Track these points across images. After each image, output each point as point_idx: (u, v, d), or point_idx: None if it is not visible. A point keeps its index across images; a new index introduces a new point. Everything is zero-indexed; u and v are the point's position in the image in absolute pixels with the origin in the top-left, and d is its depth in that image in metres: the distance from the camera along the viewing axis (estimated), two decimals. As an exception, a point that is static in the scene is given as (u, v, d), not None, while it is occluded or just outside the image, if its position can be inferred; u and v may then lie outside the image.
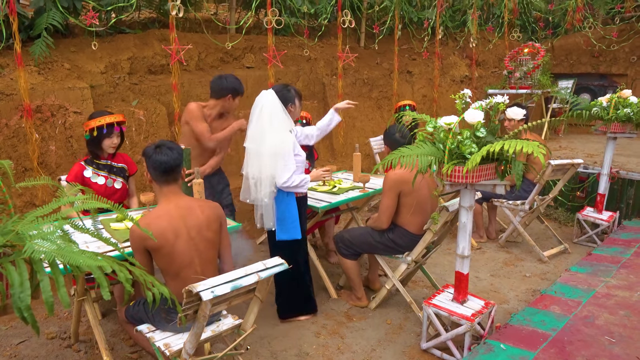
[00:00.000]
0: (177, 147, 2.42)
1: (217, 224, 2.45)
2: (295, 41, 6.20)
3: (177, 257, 2.32)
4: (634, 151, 6.45)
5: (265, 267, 2.22)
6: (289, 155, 3.02)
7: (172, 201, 2.37)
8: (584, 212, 4.96)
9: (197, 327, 2.11)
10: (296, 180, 3.04)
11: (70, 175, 3.17)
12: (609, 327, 2.99)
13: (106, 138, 3.17)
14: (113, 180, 3.30)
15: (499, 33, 8.40)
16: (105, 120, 3.14)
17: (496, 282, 4.00)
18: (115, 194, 3.31)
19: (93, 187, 3.16)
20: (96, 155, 3.22)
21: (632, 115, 4.36)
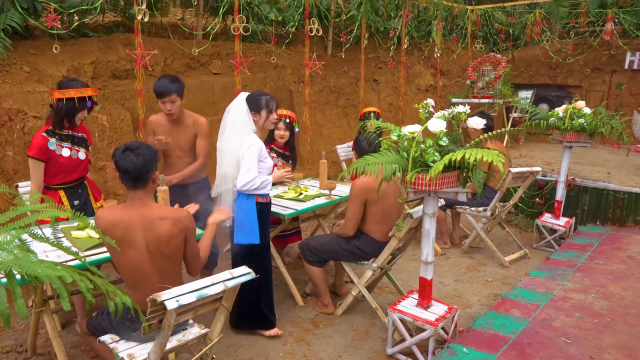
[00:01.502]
0: (146, 152, 2.28)
1: (179, 239, 2.33)
2: (263, 48, 6.21)
3: (132, 268, 2.26)
4: (589, 160, 6.73)
5: (232, 276, 2.21)
6: (250, 160, 2.98)
7: (136, 208, 2.28)
8: (542, 218, 5.14)
9: (162, 336, 2.08)
10: (256, 182, 3.01)
11: (33, 149, 2.93)
12: (565, 329, 3.11)
13: (81, 110, 3.03)
14: (77, 151, 3.12)
15: (463, 44, 8.63)
16: (87, 93, 3.01)
17: (460, 287, 4.09)
18: (79, 166, 3.15)
19: (59, 159, 3.00)
20: (61, 126, 3.02)
21: (585, 125, 4.56)
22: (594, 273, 4.03)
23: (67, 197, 3.09)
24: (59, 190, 3.07)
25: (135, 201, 2.30)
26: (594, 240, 4.85)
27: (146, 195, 2.33)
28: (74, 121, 3.05)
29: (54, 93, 2.97)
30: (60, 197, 3.06)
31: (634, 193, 5.20)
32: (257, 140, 3.06)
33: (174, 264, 2.38)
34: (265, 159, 3.09)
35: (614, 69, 8.48)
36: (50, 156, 2.97)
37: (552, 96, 8.86)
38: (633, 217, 5.25)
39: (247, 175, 2.97)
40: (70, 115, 3.01)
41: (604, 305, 3.44)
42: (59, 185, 3.07)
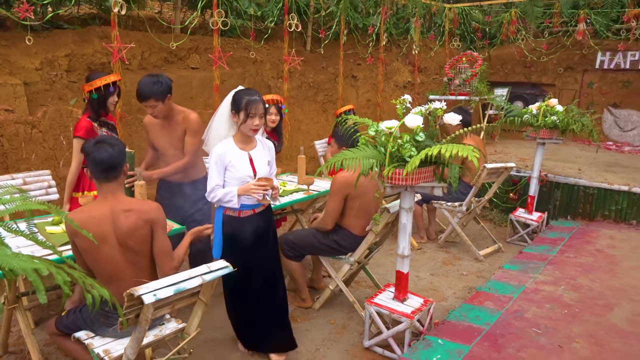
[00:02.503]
0: (118, 144, 2.30)
1: (144, 231, 2.30)
2: (242, 43, 6.18)
3: (106, 263, 2.24)
4: (561, 156, 6.90)
5: (210, 269, 2.22)
6: (211, 168, 2.71)
7: (108, 202, 2.27)
8: (516, 213, 5.26)
9: (139, 331, 2.07)
10: (218, 194, 2.71)
11: (80, 130, 3.25)
12: (536, 320, 3.20)
13: (111, 96, 3.35)
14: (112, 135, 3.35)
15: (440, 41, 8.74)
16: (110, 79, 3.32)
17: (435, 281, 4.17)
18: None
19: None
20: (98, 112, 3.36)
21: (558, 122, 4.68)
22: (564, 266, 4.15)
23: None
24: None
25: (107, 195, 2.28)
26: (565, 235, 4.99)
27: (118, 189, 2.32)
28: (107, 107, 3.37)
29: (84, 87, 3.35)
30: None
31: (602, 189, 5.37)
32: (223, 145, 2.73)
33: (144, 257, 2.35)
34: (232, 167, 2.71)
35: (585, 69, 8.70)
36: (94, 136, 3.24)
37: (526, 94, 9.05)
38: (602, 212, 5.42)
39: (209, 184, 2.73)
40: (102, 102, 3.34)
41: (573, 297, 3.55)
42: None
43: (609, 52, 8.36)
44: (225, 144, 2.74)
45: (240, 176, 2.72)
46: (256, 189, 2.69)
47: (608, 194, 5.35)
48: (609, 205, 5.37)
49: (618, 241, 4.79)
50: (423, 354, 2.77)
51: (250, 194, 2.70)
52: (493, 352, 2.82)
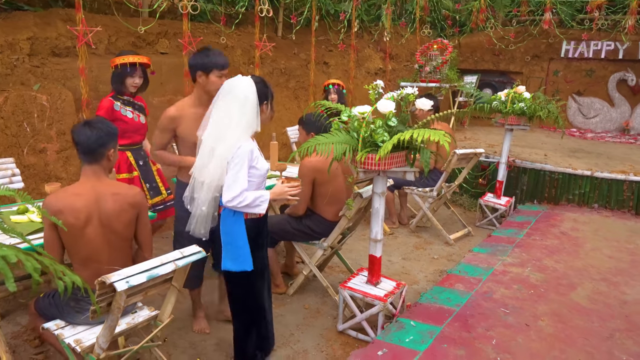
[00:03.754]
0: (102, 127, 2.27)
1: (131, 214, 2.33)
2: (212, 28, 6.07)
3: (86, 243, 2.23)
4: (528, 142, 7.08)
5: (183, 255, 2.20)
6: (241, 167, 2.34)
7: (90, 182, 2.27)
8: (485, 197, 5.38)
9: (111, 319, 2.04)
10: (248, 198, 2.36)
11: (101, 109, 3.30)
12: (504, 300, 3.31)
13: (128, 76, 3.32)
14: (138, 115, 3.46)
15: (411, 29, 8.79)
16: (128, 59, 3.30)
17: (407, 265, 4.24)
18: (141, 129, 3.52)
19: (124, 119, 3.35)
20: (120, 91, 3.37)
21: (525, 109, 4.79)
22: (530, 248, 4.28)
23: (134, 157, 3.46)
24: (126, 151, 3.43)
25: (90, 176, 2.29)
26: (532, 218, 5.14)
27: (99, 171, 2.31)
28: (125, 86, 3.34)
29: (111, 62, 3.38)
30: (127, 157, 3.43)
31: (567, 173, 5.54)
32: (247, 141, 2.39)
33: (126, 241, 2.36)
34: (257, 164, 2.42)
35: (551, 57, 8.91)
36: (116, 116, 3.30)
37: (495, 81, 9.21)
38: (566, 196, 5.60)
39: (234, 188, 2.33)
40: (120, 80, 3.33)
41: (539, 278, 3.68)
42: (126, 146, 3.42)
43: (573, 41, 8.58)
44: (249, 139, 2.41)
45: (262, 172, 2.47)
46: (291, 190, 2.53)
47: (572, 178, 5.53)
48: (572, 189, 5.55)
49: (581, 224, 4.97)
50: (396, 335, 2.83)
51: (284, 196, 2.52)
52: (463, 332, 2.90)
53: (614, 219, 5.15)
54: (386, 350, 2.67)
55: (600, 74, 8.57)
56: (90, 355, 2.14)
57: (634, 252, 4.25)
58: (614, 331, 2.97)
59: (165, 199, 3.66)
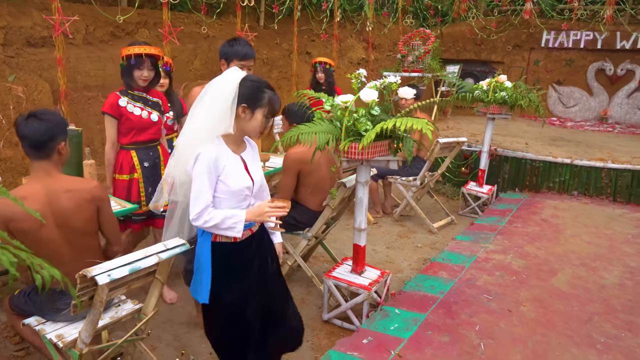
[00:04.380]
0: (51, 118, 2.11)
1: (90, 209, 2.21)
2: (193, 18, 5.99)
3: (43, 245, 2.12)
4: (509, 131, 7.16)
5: (166, 247, 2.18)
6: (202, 179, 1.97)
7: (41, 181, 2.12)
8: (467, 186, 5.43)
9: (94, 313, 2.01)
10: (215, 217, 1.98)
11: (105, 105, 3.04)
12: (487, 287, 3.35)
13: (135, 69, 3.01)
14: (149, 112, 3.13)
15: (394, 18, 8.78)
16: (133, 51, 2.97)
17: (391, 254, 4.27)
18: (151, 127, 3.17)
19: (129, 116, 3.06)
20: (129, 85, 3.09)
21: (507, 98, 4.84)
22: (512, 235, 4.35)
23: (138, 157, 3.14)
24: (131, 150, 3.12)
25: (39, 173, 2.13)
26: (513, 206, 5.21)
27: (51, 167, 2.16)
28: (134, 80, 3.05)
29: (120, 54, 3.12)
30: (131, 156, 3.13)
31: (547, 162, 5.62)
32: (213, 147, 2.01)
33: (89, 237, 2.26)
34: (226, 177, 2.02)
35: (532, 47, 8.99)
36: (121, 113, 3.04)
37: (477, 71, 9.27)
38: (547, 183, 5.68)
39: (196, 203, 1.97)
40: (127, 74, 3.04)
41: (520, 264, 3.74)
42: (130, 145, 3.12)
43: (553, 31, 8.66)
44: (216, 146, 2.02)
45: (238, 189, 2.04)
46: (273, 211, 2.05)
47: (552, 166, 5.61)
48: (553, 177, 5.63)
49: (561, 211, 5.05)
50: (381, 323, 2.85)
51: (264, 219, 2.07)
52: (447, 318, 2.93)
53: (592, 206, 5.25)
54: (371, 339, 2.69)
55: (579, 63, 8.68)
56: (72, 350, 2.11)
57: (611, 238, 4.34)
58: (592, 314, 3.04)
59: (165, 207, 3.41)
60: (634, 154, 5.76)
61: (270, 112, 2.03)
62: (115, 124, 3.04)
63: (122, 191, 3.12)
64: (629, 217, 4.92)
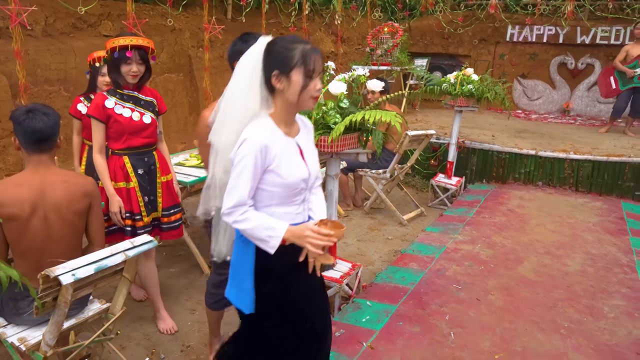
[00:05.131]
0: (53, 114, 2.16)
1: (83, 203, 2.22)
2: (158, 10, 5.86)
3: (28, 235, 2.11)
4: (477, 123, 7.29)
5: (133, 245, 2.13)
6: (242, 169, 1.63)
7: (39, 172, 2.15)
8: (436, 178, 5.51)
9: (58, 315, 1.96)
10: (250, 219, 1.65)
11: (90, 107, 2.71)
12: (456, 277, 3.41)
13: (123, 64, 2.63)
14: (141, 114, 2.77)
15: (362, 12, 8.80)
16: (118, 43, 2.57)
17: (362, 246, 4.30)
18: (145, 130, 2.80)
19: (118, 118, 2.70)
20: (118, 84, 2.73)
21: (473, 91, 4.92)
22: (480, 226, 4.44)
23: (132, 163, 2.78)
24: (123, 156, 2.78)
25: (38, 166, 2.17)
26: (481, 197, 5.32)
27: (49, 160, 2.21)
28: (122, 76, 2.67)
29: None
30: (124, 163, 2.78)
31: (513, 153, 5.76)
32: (261, 129, 1.66)
33: (74, 236, 2.24)
34: (279, 167, 1.67)
35: (497, 41, 9.17)
36: (108, 115, 2.69)
37: (444, 65, 9.39)
38: (513, 174, 5.82)
39: (230, 195, 1.66)
40: (114, 69, 2.67)
41: (488, 254, 3.82)
42: (123, 150, 2.77)
43: (518, 25, 8.85)
44: (265, 128, 1.67)
45: (292, 181, 1.70)
46: (315, 238, 1.65)
47: (518, 158, 5.75)
48: (518, 168, 5.77)
49: (526, 201, 5.18)
50: (353, 316, 2.87)
51: (302, 244, 1.68)
52: (418, 309, 2.97)
53: (556, 196, 5.41)
54: (343, 331, 2.70)
55: (542, 57, 8.91)
56: (36, 353, 2.05)
57: (574, 227, 4.48)
58: (557, 301, 3.13)
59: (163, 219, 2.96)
60: (594, 145, 5.96)
61: (309, 70, 1.63)
62: (102, 128, 2.69)
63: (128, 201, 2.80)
64: (590, 206, 5.09)
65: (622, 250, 3.97)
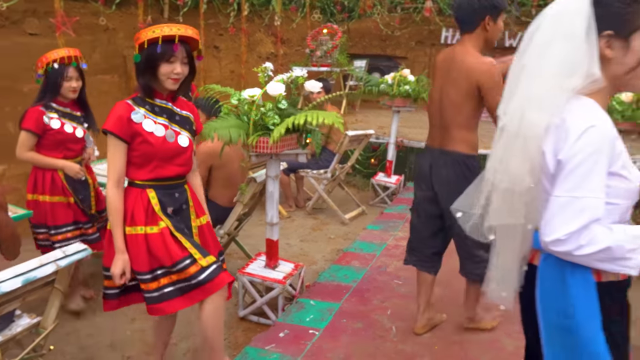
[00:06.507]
0: None
1: None
2: (90, 7, 5.60)
3: None
4: (415, 123, 7.51)
5: (65, 254, 2.04)
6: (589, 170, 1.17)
7: None
8: (376, 177, 5.64)
9: (-19, 331, 1.84)
10: (599, 239, 1.17)
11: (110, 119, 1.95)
12: (397, 273, 3.51)
13: (164, 62, 1.96)
14: (176, 133, 2.05)
15: (302, 13, 8.84)
16: (162, 32, 1.92)
17: (305, 247, 4.33)
18: (180, 156, 2.07)
19: (147, 138, 1.97)
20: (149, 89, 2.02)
21: (410, 91, 5.07)
22: (419, 222, 4.58)
23: (159, 199, 2.05)
24: (147, 188, 2.04)
25: None
26: (419, 194, 5.49)
27: None
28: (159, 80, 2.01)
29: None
30: (149, 199, 2.03)
31: (449, 151, 5.98)
32: (606, 121, 1.22)
33: None
34: (625, 170, 1.24)
35: (433, 43, 9.49)
36: (134, 133, 1.97)
37: (383, 66, 9.60)
38: (449, 172, 6.05)
39: (571, 213, 1.18)
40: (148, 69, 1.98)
41: (427, 249, 3.95)
42: (148, 181, 2.04)
43: (451, 28, 9.21)
44: (600, 113, 1.23)
45: (634, 187, 1.26)
46: None
47: (453, 156, 5.97)
48: (454, 166, 6.00)
49: (462, 197, 5.40)
50: (297, 316, 2.88)
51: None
52: (360, 306, 3.04)
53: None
54: (288, 332, 2.72)
55: (474, 58, 9.32)
56: (-45, 373, 1.92)
57: (506, 220, 4.72)
58: (489, 290, 3.30)
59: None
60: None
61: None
62: (123, 149, 1.98)
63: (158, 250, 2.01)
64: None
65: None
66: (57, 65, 2.69)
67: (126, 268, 2.00)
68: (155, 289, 2.03)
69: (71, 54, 2.73)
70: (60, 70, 2.70)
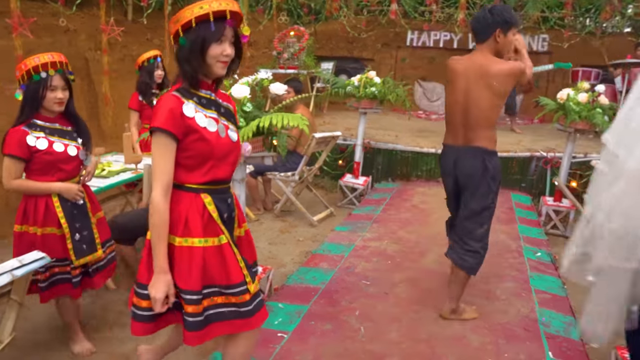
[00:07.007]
0: None
1: None
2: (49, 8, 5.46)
3: None
4: (382, 125, 7.59)
5: (21, 263, 1.98)
6: None
7: None
8: (344, 178, 5.67)
9: None
10: None
11: (157, 114, 1.67)
12: (365, 273, 3.54)
13: (214, 42, 1.69)
14: (225, 127, 1.81)
15: (269, 15, 8.81)
16: (210, 7, 1.66)
17: (274, 249, 4.31)
18: (231, 154, 1.84)
19: (203, 134, 1.71)
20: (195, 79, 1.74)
21: (376, 93, 5.13)
22: (387, 222, 4.63)
23: (216, 205, 1.79)
24: (202, 193, 1.77)
25: None
26: (387, 195, 5.55)
27: None
28: (208, 65, 1.72)
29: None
30: (204, 204, 1.76)
31: (415, 152, 6.09)
32: None
33: None
34: None
35: (399, 45, 9.64)
36: (188, 129, 1.70)
37: (349, 68, 9.67)
38: (415, 172, 6.15)
39: None
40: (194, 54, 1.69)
41: (395, 249, 4.00)
42: (204, 185, 1.77)
43: (416, 31, 9.37)
44: None
45: None
46: None
47: (420, 156, 6.08)
48: (421, 166, 6.11)
49: (429, 196, 5.49)
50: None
51: None
52: (329, 307, 3.04)
53: (455, 191, 5.78)
54: (256, 335, 2.69)
55: (439, 61, 9.47)
56: None
57: (471, 218, 4.83)
58: (457, 289, 3.36)
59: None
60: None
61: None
62: (173, 148, 1.69)
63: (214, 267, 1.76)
64: (485, 198, 5.51)
65: (512, 237, 4.35)
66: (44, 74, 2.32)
67: (170, 291, 1.70)
68: (201, 312, 1.74)
69: (55, 60, 2.35)
70: (43, 79, 2.33)
